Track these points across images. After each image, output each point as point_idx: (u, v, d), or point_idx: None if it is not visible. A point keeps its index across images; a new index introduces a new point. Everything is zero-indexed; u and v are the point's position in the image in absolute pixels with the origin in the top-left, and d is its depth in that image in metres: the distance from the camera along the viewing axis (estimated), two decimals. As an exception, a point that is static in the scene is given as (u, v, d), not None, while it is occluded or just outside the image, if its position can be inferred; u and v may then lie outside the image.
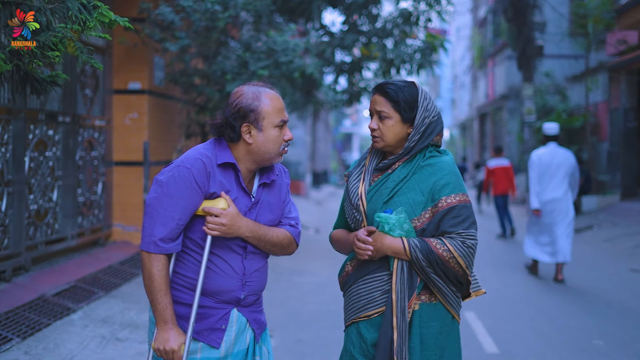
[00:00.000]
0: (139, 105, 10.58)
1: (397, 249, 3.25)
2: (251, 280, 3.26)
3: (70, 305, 7.30)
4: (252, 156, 3.21)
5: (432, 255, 3.20)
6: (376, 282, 3.35)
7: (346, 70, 14.52)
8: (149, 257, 3.08)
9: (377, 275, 3.35)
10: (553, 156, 10.37)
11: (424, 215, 3.29)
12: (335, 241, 3.60)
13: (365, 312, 3.37)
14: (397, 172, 3.35)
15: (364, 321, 3.38)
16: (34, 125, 8.21)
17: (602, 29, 20.77)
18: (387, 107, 3.32)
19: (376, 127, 3.36)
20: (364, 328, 3.38)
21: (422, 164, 3.34)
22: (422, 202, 3.29)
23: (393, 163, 3.38)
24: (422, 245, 3.22)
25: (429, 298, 3.31)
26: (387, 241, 3.26)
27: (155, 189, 3.13)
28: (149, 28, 10.11)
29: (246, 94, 3.19)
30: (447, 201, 3.26)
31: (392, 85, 3.34)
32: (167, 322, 3.08)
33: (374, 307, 3.34)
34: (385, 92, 3.33)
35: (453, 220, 3.24)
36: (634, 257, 12.58)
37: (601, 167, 21.68)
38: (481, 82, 38.65)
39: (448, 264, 3.21)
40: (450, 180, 3.29)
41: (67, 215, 9.05)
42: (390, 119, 3.33)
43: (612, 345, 7.22)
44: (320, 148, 40.33)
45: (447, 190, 3.27)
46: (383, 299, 3.32)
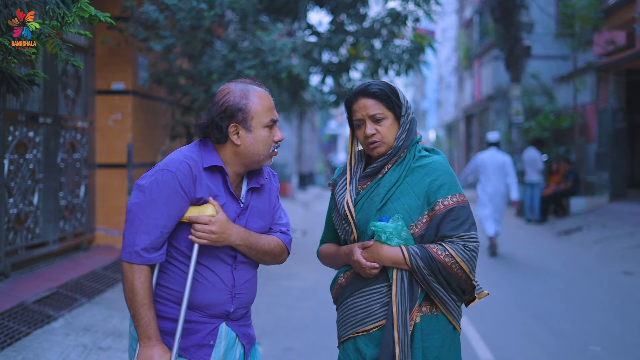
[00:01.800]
0: (123, 106, 10.36)
1: (396, 259, 3.06)
2: (241, 292, 3.06)
3: (51, 313, 7.07)
4: (241, 158, 3.01)
5: (434, 262, 3.02)
6: (375, 295, 3.15)
7: (333, 70, 14.33)
8: (131, 268, 2.86)
9: (375, 288, 3.15)
10: (493, 158, 13.29)
11: (421, 220, 3.11)
12: (324, 257, 3.40)
13: (364, 327, 3.16)
14: (388, 176, 3.16)
15: (362, 336, 3.18)
16: (14, 127, 7.98)
17: (589, 29, 20.69)
18: (380, 107, 3.15)
19: (375, 132, 3.15)
20: (362, 343, 3.17)
21: (413, 166, 3.17)
22: (419, 207, 3.11)
23: (382, 166, 3.19)
24: (422, 253, 3.04)
25: (430, 309, 3.13)
26: (385, 251, 3.07)
27: (136, 195, 2.91)
28: (132, 27, 9.89)
29: (233, 92, 2.98)
30: (445, 203, 3.09)
31: (374, 86, 3.17)
32: (151, 339, 2.86)
33: (373, 321, 3.14)
34: (373, 94, 3.15)
35: (452, 223, 3.07)
36: (625, 259, 12.45)
37: (589, 168, 21.60)
38: (467, 83, 38.58)
39: (451, 270, 3.04)
40: (445, 180, 3.13)
41: (49, 219, 8.82)
42: (386, 119, 3.16)
43: (609, 351, 7.05)
44: (307, 149, 40.19)
45: (444, 191, 3.11)
46: (382, 312, 3.12)
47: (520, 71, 21.71)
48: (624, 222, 15.85)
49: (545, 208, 18.98)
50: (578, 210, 18.72)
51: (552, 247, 14.57)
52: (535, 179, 18.86)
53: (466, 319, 8.14)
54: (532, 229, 17.84)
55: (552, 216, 19.25)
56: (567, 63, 24.32)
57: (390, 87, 3.18)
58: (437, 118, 59.61)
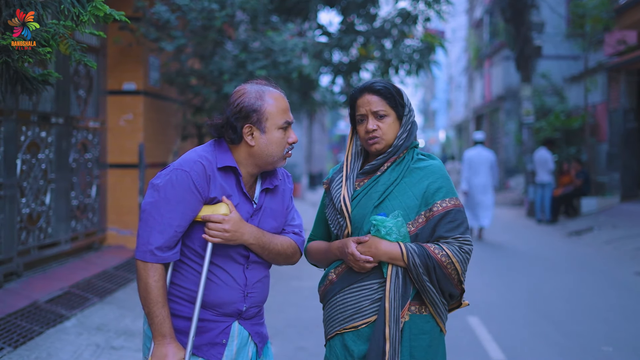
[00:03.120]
0: (134, 106, 10.38)
1: (394, 254, 3.07)
2: (253, 291, 3.07)
3: (64, 312, 7.10)
4: (254, 159, 3.02)
5: (431, 260, 3.05)
6: (366, 291, 3.16)
7: (344, 71, 14.34)
8: (145, 266, 2.88)
9: (367, 284, 3.16)
10: (479, 156, 15.18)
11: (417, 219, 3.14)
12: (314, 253, 3.39)
13: (353, 323, 3.17)
14: (387, 174, 3.20)
15: (350, 332, 3.19)
16: (26, 127, 8.01)
17: (600, 29, 20.60)
18: (383, 104, 3.20)
19: (376, 127, 3.19)
20: (350, 340, 3.19)
21: (412, 167, 3.22)
22: (416, 207, 3.15)
23: (381, 164, 3.23)
24: (420, 251, 3.07)
25: (419, 309, 3.15)
26: (384, 246, 3.08)
27: (151, 194, 2.92)
28: (144, 27, 9.91)
29: (249, 93, 2.99)
30: (443, 205, 3.14)
31: (379, 83, 3.24)
32: (165, 336, 2.88)
33: (363, 317, 3.15)
34: (378, 91, 3.20)
35: (449, 224, 3.12)
36: (637, 259, 12.40)
37: (600, 169, 21.51)
38: (477, 83, 38.52)
39: (445, 270, 3.07)
40: (443, 184, 3.18)
41: (61, 219, 8.85)
42: (388, 117, 3.21)
43: (621, 351, 7.03)
44: (317, 149, 40.19)
45: (441, 194, 3.16)
46: (372, 308, 3.14)
47: (531, 71, 21.66)
48: (635, 223, 15.79)
49: (556, 208, 18.92)
50: (589, 211, 18.66)
51: (562, 248, 14.52)
52: (546, 179, 18.80)
53: (477, 318, 8.14)
54: (542, 230, 17.79)
55: (562, 216, 19.19)
56: (577, 63, 24.24)
57: (395, 87, 3.24)
58: (447, 118, 59.54)
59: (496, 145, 32.75)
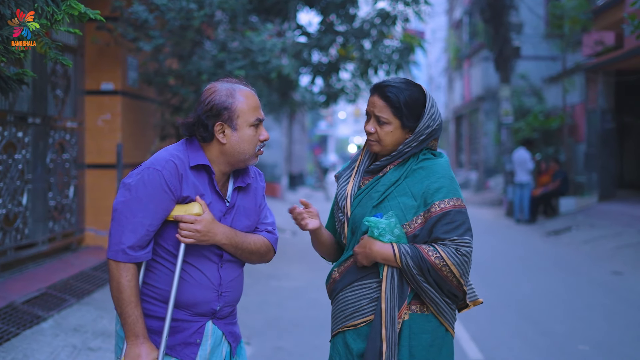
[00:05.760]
0: (112, 106, 10.31)
1: (386, 255, 3.05)
2: (227, 290, 3.06)
3: (41, 314, 7.04)
4: (226, 157, 3.01)
5: (424, 262, 3.01)
6: (364, 290, 3.15)
7: (323, 71, 14.32)
8: (117, 266, 2.86)
9: (365, 283, 3.15)
10: None
11: (415, 220, 3.09)
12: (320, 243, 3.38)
13: (352, 321, 3.17)
14: (389, 175, 3.17)
15: (350, 331, 3.18)
16: (2, 127, 7.94)
17: (578, 30, 20.73)
18: (387, 112, 3.13)
19: (373, 131, 3.17)
20: (350, 338, 3.18)
21: (414, 167, 3.16)
22: (414, 207, 3.10)
23: (385, 166, 3.20)
24: (413, 252, 3.03)
25: (420, 308, 3.11)
26: (377, 247, 3.06)
27: (122, 193, 2.91)
28: (122, 27, 9.85)
29: (219, 91, 2.98)
30: (441, 206, 3.06)
31: (393, 87, 3.14)
32: (138, 337, 2.86)
33: (361, 316, 3.15)
34: (386, 96, 3.12)
35: (447, 226, 3.05)
36: (614, 259, 12.49)
37: (578, 169, 21.64)
38: (457, 84, 38.61)
39: (441, 273, 3.01)
40: (444, 183, 3.10)
41: (38, 220, 8.79)
42: (389, 125, 3.14)
43: (597, 350, 7.08)
44: (297, 150, 40.15)
45: (441, 194, 3.08)
46: (371, 307, 3.12)
47: (510, 72, 21.78)
48: (612, 222, 15.91)
49: (534, 208, 19.04)
50: (567, 211, 18.77)
51: (541, 247, 14.61)
52: (525, 179, 18.92)
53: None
54: (521, 229, 17.88)
55: (541, 216, 19.31)
56: (556, 64, 24.36)
57: (409, 98, 3.13)
58: (427, 119, 59.57)
59: (475, 146, 32.86)
